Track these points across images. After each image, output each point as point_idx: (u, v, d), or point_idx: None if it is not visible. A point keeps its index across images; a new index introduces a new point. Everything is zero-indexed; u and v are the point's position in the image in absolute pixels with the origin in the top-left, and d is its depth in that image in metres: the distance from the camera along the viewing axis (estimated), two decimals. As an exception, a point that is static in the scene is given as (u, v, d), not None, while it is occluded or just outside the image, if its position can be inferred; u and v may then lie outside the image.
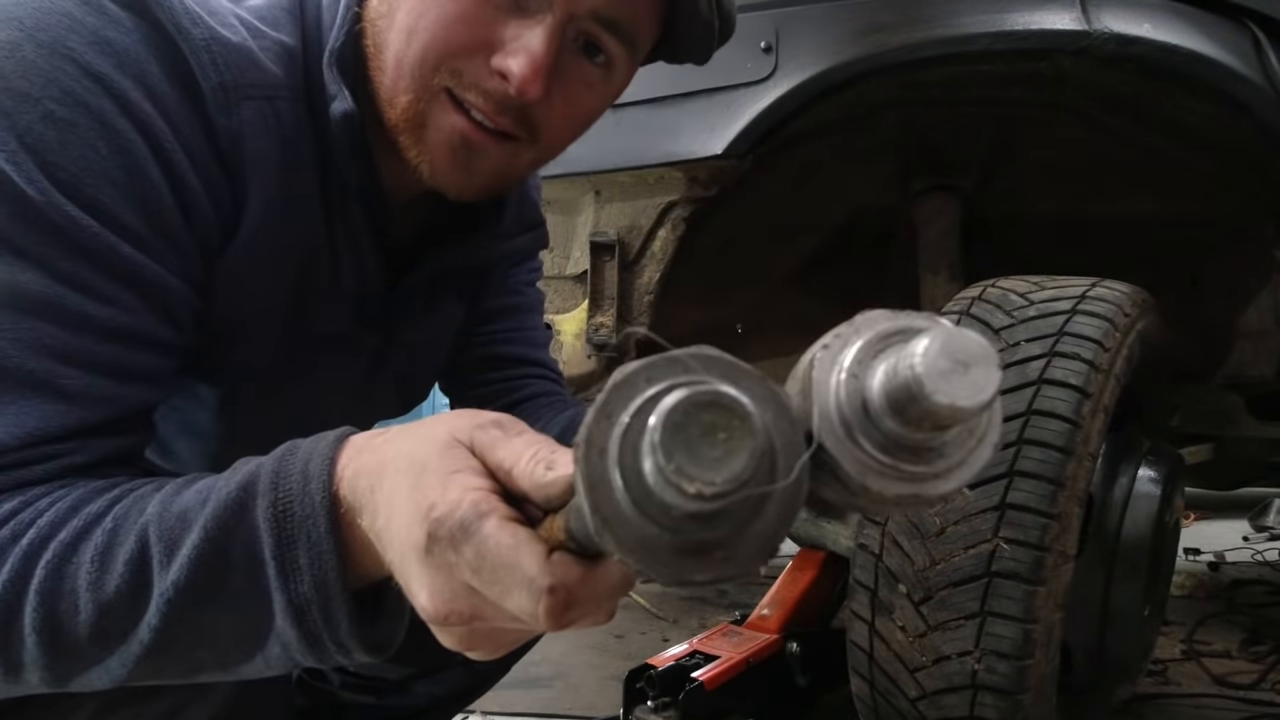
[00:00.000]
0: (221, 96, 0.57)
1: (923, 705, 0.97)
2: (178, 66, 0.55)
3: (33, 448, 0.51)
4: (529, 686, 1.83)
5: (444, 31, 0.61)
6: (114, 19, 0.53)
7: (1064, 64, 1.22)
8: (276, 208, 0.63)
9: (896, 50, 1.24)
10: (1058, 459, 0.94)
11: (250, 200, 0.61)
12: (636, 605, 2.59)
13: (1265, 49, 1.22)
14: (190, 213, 0.57)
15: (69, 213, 0.50)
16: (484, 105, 0.63)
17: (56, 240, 0.51)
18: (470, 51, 0.62)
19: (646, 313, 1.35)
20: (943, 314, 1.13)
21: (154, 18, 0.54)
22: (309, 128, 0.65)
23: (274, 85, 0.61)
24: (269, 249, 0.63)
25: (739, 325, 1.94)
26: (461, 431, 0.41)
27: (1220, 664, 2.00)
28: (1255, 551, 3.42)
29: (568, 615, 0.38)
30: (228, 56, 0.58)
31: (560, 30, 0.62)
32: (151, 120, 0.53)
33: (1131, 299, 1.10)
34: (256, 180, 0.61)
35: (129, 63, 0.53)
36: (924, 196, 1.60)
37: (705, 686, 1.34)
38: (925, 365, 0.27)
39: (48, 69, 0.50)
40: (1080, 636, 1.16)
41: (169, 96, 0.55)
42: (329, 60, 0.63)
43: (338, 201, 0.68)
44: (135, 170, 0.53)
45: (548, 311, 1.37)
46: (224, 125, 0.58)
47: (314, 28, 0.65)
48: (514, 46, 0.61)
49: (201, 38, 0.56)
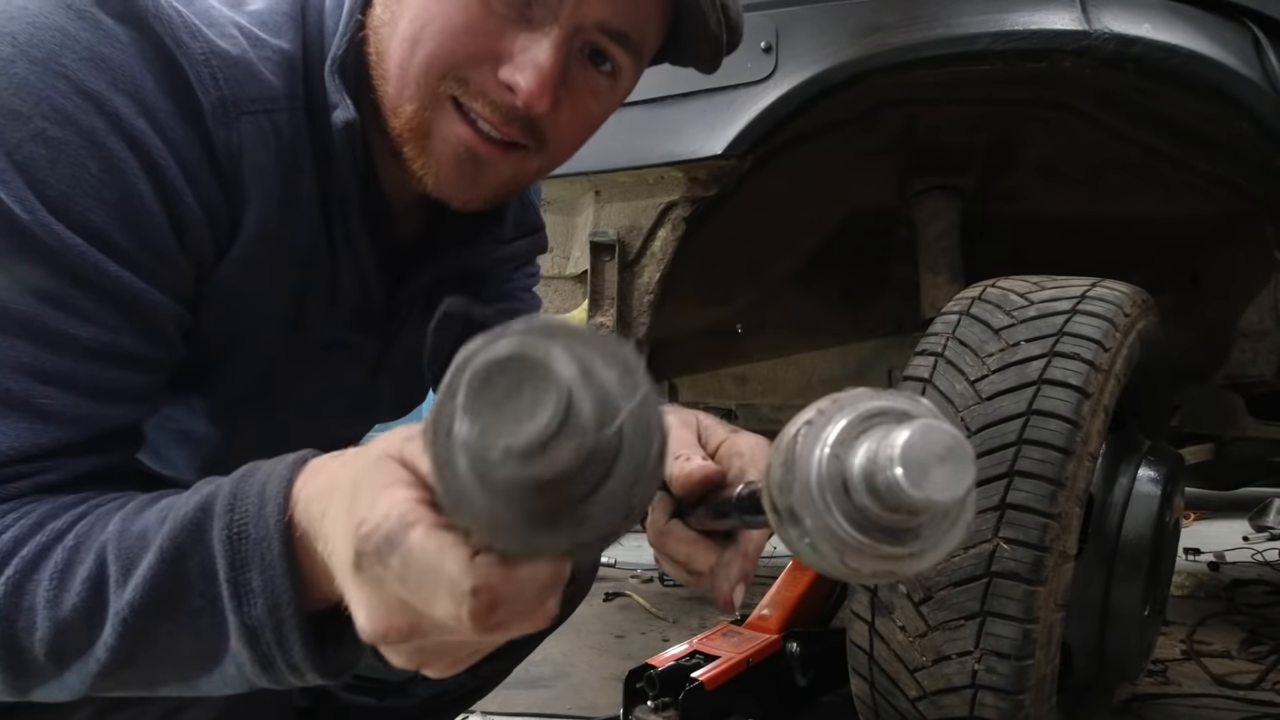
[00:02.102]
0: (220, 111, 0.57)
1: (923, 705, 0.97)
2: (176, 81, 0.55)
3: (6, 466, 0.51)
4: (529, 686, 1.83)
5: (450, 41, 0.60)
6: (109, 34, 0.52)
7: (1064, 64, 1.22)
8: (274, 219, 0.62)
9: (896, 50, 1.24)
10: (1058, 459, 0.94)
11: (248, 213, 0.61)
12: (636, 605, 2.59)
13: (1265, 49, 1.22)
14: (183, 228, 0.56)
15: (54, 230, 0.50)
16: (491, 116, 0.62)
17: (40, 258, 0.50)
18: (476, 61, 0.61)
19: (646, 313, 1.35)
20: (943, 314, 1.13)
21: (152, 32, 0.53)
22: (308, 136, 0.64)
23: (273, 97, 0.61)
24: (267, 260, 0.63)
25: (739, 325, 1.94)
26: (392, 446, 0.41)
27: (1220, 664, 2.00)
28: (1255, 551, 3.42)
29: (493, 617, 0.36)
30: (227, 70, 0.57)
31: (567, 42, 0.62)
32: (144, 137, 0.53)
33: (1131, 299, 1.10)
34: (254, 193, 0.60)
35: (123, 79, 0.52)
36: (924, 196, 1.60)
37: (705, 686, 1.34)
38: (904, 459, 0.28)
39: (40, 87, 0.49)
40: (1080, 636, 1.16)
41: (164, 112, 0.54)
42: (331, 68, 0.63)
43: (338, 209, 0.67)
44: (126, 188, 0.52)
45: (548, 311, 1.37)
46: (223, 139, 0.57)
47: (316, 33, 0.64)
48: (522, 59, 0.60)
49: (200, 51, 0.56)
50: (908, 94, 1.36)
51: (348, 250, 0.69)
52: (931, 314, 1.50)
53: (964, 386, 1.03)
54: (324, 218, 0.67)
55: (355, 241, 0.69)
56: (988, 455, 0.97)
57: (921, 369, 1.07)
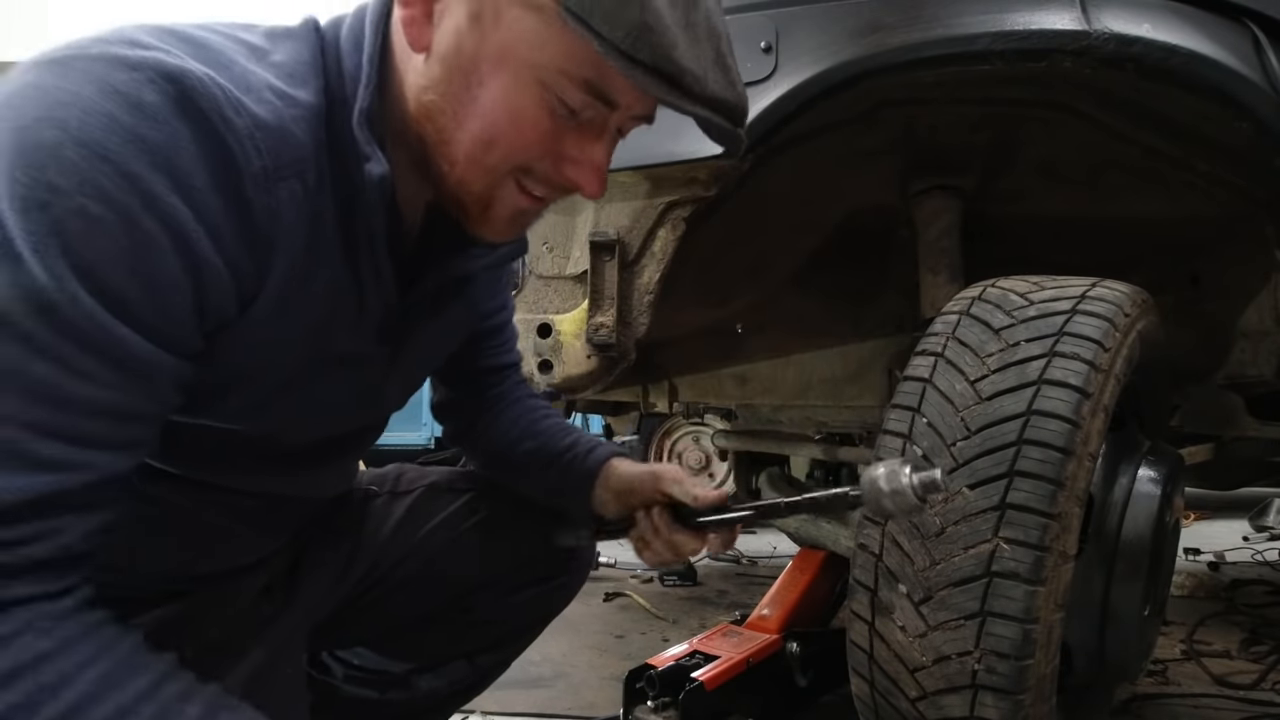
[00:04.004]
0: (262, 178, 0.62)
1: (923, 705, 0.97)
2: (220, 155, 0.59)
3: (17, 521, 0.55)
4: (529, 686, 1.83)
5: (522, 146, 0.69)
6: (151, 116, 0.56)
7: (1064, 64, 1.22)
8: (299, 266, 0.67)
9: (897, 50, 1.24)
10: (1058, 459, 0.94)
11: (275, 266, 0.65)
12: (636, 605, 2.59)
13: (1265, 49, 1.22)
14: (206, 292, 0.61)
15: (78, 299, 0.54)
16: (548, 193, 0.73)
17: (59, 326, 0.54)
18: (540, 158, 0.71)
19: (646, 313, 1.35)
20: (943, 314, 1.13)
21: (198, 112, 0.57)
22: (330, 179, 0.68)
23: (303, 157, 0.66)
24: (291, 301, 0.68)
25: (739, 325, 1.93)
26: None
27: (1220, 664, 2.00)
28: (1255, 551, 3.42)
29: None
30: (268, 140, 0.62)
31: (614, 139, 0.73)
32: (176, 212, 0.57)
33: (1131, 299, 1.10)
34: (281, 247, 0.65)
35: (161, 159, 0.56)
36: (924, 196, 1.59)
37: (705, 686, 1.35)
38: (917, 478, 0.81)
39: (85, 169, 0.54)
40: (1080, 636, 1.16)
41: (201, 187, 0.58)
42: (359, 120, 0.68)
43: (364, 243, 0.72)
44: (153, 260, 0.57)
45: (547, 311, 1.37)
46: (262, 204, 0.62)
47: (336, 78, 0.69)
48: (583, 163, 0.71)
49: (245, 127, 0.60)
50: (908, 94, 1.35)
51: (373, 278, 0.75)
52: (931, 314, 1.50)
53: (964, 386, 1.03)
54: (348, 251, 0.72)
55: (381, 270, 0.75)
56: (988, 455, 0.97)
57: (921, 369, 1.07)
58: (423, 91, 0.69)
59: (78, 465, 0.57)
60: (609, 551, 3.24)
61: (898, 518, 0.99)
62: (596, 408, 2.94)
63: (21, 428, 0.54)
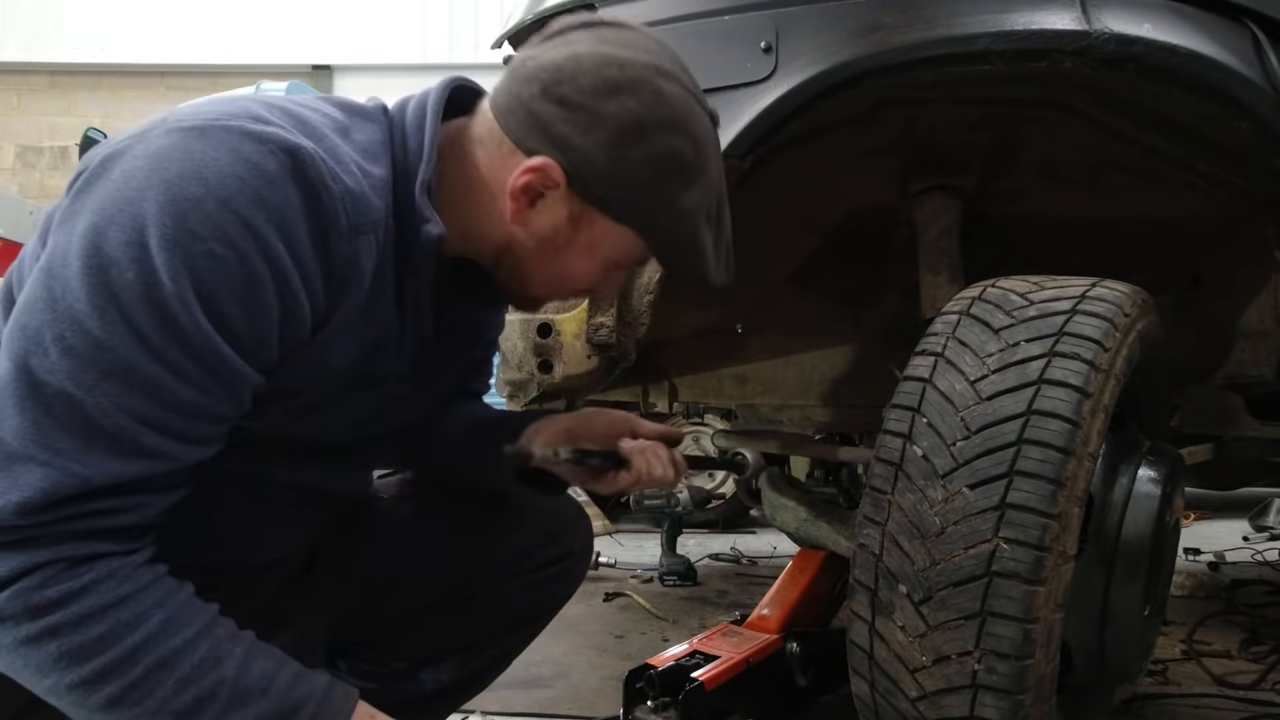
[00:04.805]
0: (348, 233, 0.76)
1: (923, 705, 0.97)
2: (319, 215, 0.73)
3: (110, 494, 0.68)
4: (529, 686, 1.83)
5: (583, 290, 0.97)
6: (272, 181, 0.70)
7: (1064, 64, 1.22)
8: (362, 303, 0.81)
9: (896, 50, 1.24)
10: (1058, 459, 0.94)
11: (343, 303, 0.79)
12: (636, 605, 2.59)
13: (1265, 49, 1.22)
14: (289, 321, 0.75)
15: (197, 320, 0.68)
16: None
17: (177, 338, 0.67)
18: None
19: (646, 313, 1.35)
20: (943, 314, 1.13)
21: (305, 178, 0.72)
22: (394, 236, 0.83)
23: (378, 219, 0.80)
24: (350, 333, 0.82)
25: (739, 325, 1.93)
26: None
27: (1220, 664, 2.00)
28: (1255, 551, 3.42)
29: None
30: (354, 203, 0.76)
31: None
32: (280, 258, 0.71)
33: (1131, 299, 1.10)
34: (352, 289, 0.79)
35: (274, 216, 0.70)
36: (924, 196, 1.59)
37: (705, 686, 1.34)
38: None
39: (218, 219, 0.68)
40: (1080, 636, 1.16)
41: (301, 239, 0.72)
42: (421, 191, 0.82)
43: (411, 290, 0.86)
44: (256, 294, 0.71)
45: (547, 311, 1.37)
46: (343, 253, 0.76)
47: (401, 154, 0.83)
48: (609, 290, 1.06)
49: (340, 192, 0.74)
50: (908, 94, 1.35)
51: (414, 315, 0.88)
52: (931, 314, 1.50)
53: (964, 386, 1.03)
54: (399, 293, 0.86)
55: (421, 309, 0.89)
56: (988, 455, 0.97)
57: (921, 369, 1.07)
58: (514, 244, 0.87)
59: (167, 455, 0.70)
60: (609, 551, 3.24)
61: None
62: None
63: (130, 417, 0.67)
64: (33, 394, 0.66)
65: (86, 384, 0.66)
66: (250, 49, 8.86)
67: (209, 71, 8.66)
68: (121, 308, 0.66)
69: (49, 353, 0.66)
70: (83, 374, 0.66)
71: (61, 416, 0.66)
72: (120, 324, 0.66)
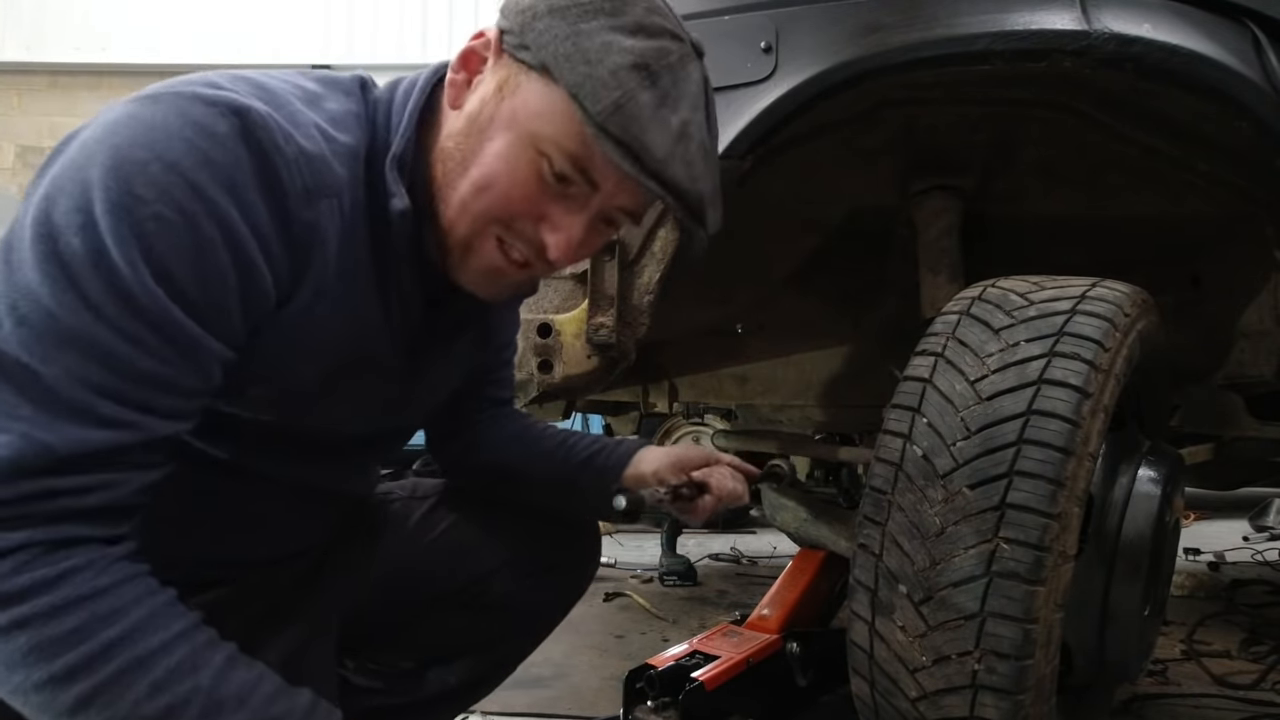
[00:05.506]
0: (304, 197, 0.74)
1: (923, 705, 0.97)
2: (271, 178, 0.71)
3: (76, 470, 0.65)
4: (529, 686, 1.83)
5: (507, 200, 0.79)
6: (220, 142, 0.68)
7: (1064, 64, 1.22)
8: (332, 273, 0.78)
9: (896, 50, 1.24)
10: (1058, 459, 0.94)
11: (311, 270, 0.77)
12: (636, 605, 2.59)
13: (1265, 49, 1.22)
14: (249, 287, 0.72)
15: (147, 286, 0.66)
16: (522, 252, 0.83)
17: (129, 305, 0.65)
18: (522, 216, 0.81)
19: (646, 313, 1.35)
20: (943, 314, 1.13)
21: (255, 140, 0.70)
22: (365, 211, 0.81)
23: (340, 185, 0.78)
24: (324, 307, 0.79)
25: (739, 325, 1.93)
26: None
27: (1220, 664, 2.00)
28: (1255, 551, 3.42)
29: None
30: (309, 165, 0.74)
31: (592, 220, 0.82)
32: (231, 220, 0.69)
33: (1131, 299, 1.10)
34: (316, 256, 0.77)
35: (224, 177, 0.68)
36: (924, 196, 1.59)
37: (705, 686, 1.34)
38: None
39: (164, 182, 0.66)
40: (1080, 636, 1.16)
41: (254, 202, 0.70)
42: (390, 163, 0.80)
43: (393, 269, 0.84)
44: (208, 258, 0.68)
45: (547, 311, 1.37)
46: (302, 218, 0.74)
47: (383, 130, 0.82)
48: (560, 226, 0.81)
49: (292, 153, 0.72)
50: (908, 94, 1.35)
51: (398, 298, 0.86)
52: (931, 314, 1.50)
53: (964, 386, 1.03)
54: (379, 273, 0.84)
55: (406, 293, 0.87)
56: (988, 455, 0.97)
57: (921, 369, 1.07)
58: (445, 139, 0.82)
59: (132, 425, 0.67)
60: (609, 551, 3.24)
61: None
62: (596, 408, 2.94)
63: (87, 388, 0.65)
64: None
65: (41, 354, 0.64)
66: (250, 49, 8.85)
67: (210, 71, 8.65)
68: (71, 276, 0.64)
69: (3, 323, 0.64)
70: (37, 344, 0.64)
71: (20, 385, 0.64)
72: (70, 292, 0.64)
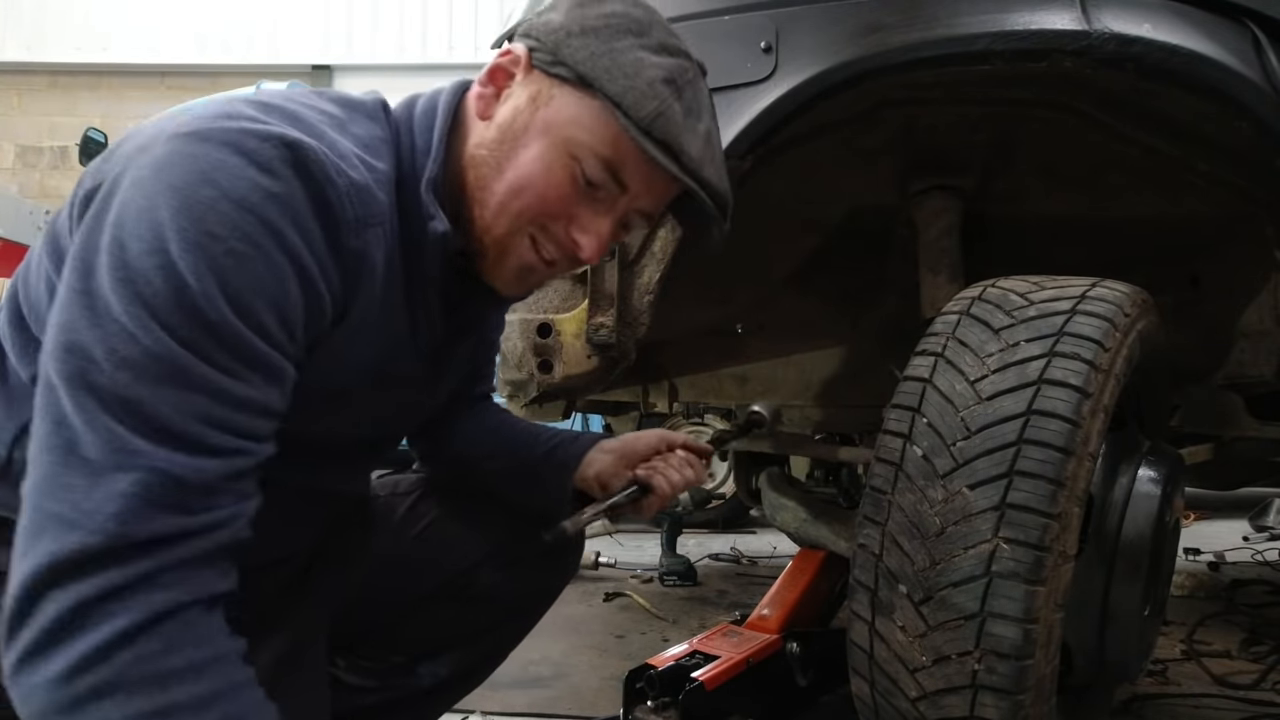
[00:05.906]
0: (355, 226, 0.78)
1: (923, 705, 0.97)
2: (326, 208, 0.75)
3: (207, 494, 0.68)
4: (529, 686, 1.83)
5: (544, 201, 0.84)
6: (282, 179, 0.72)
7: (1064, 64, 1.22)
8: (375, 299, 0.83)
9: (896, 50, 1.24)
10: (1058, 459, 0.94)
11: (359, 296, 0.81)
12: (636, 605, 2.59)
13: (1265, 49, 1.22)
14: (312, 313, 0.76)
15: (227, 318, 0.69)
16: (554, 252, 0.88)
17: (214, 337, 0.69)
18: (556, 218, 0.86)
19: (646, 313, 1.35)
20: (943, 314, 1.13)
21: (308, 172, 0.73)
22: (399, 234, 0.85)
23: (384, 212, 0.82)
24: (366, 328, 0.83)
25: (739, 325, 1.93)
26: None
27: (1220, 664, 2.00)
28: (1255, 551, 3.42)
29: None
30: (359, 197, 0.78)
31: (618, 221, 0.89)
32: (299, 251, 0.73)
33: (1131, 299, 1.10)
34: (365, 282, 0.81)
35: (288, 210, 0.72)
36: (924, 196, 1.59)
37: (705, 686, 1.35)
38: None
39: (235, 218, 0.69)
40: (1080, 636, 1.16)
41: (314, 232, 0.74)
42: (427, 187, 0.85)
43: (419, 286, 0.88)
44: (280, 287, 0.72)
45: (547, 311, 1.37)
46: (352, 246, 0.78)
47: (408, 153, 0.86)
48: (589, 227, 0.86)
49: (344, 186, 0.76)
50: (908, 94, 1.35)
51: (425, 313, 0.91)
52: (931, 314, 1.50)
53: (964, 386, 1.03)
54: (409, 291, 0.88)
55: (431, 307, 0.91)
56: (988, 455, 0.97)
57: (921, 369, 1.07)
58: (476, 148, 0.86)
59: (238, 451, 0.71)
60: (609, 551, 3.24)
61: None
62: (596, 408, 2.94)
63: (197, 420, 0.68)
64: (100, 408, 0.66)
65: (146, 392, 0.66)
66: (250, 49, 8.86)
67: (209, 71, 8.66)
68: (158, 316, 0.67)
69: (103, 368, 0.66)
70: (140, 384, 0.66)
71: (133, 424, 0.66)
72: (161, 331, 0.67)
